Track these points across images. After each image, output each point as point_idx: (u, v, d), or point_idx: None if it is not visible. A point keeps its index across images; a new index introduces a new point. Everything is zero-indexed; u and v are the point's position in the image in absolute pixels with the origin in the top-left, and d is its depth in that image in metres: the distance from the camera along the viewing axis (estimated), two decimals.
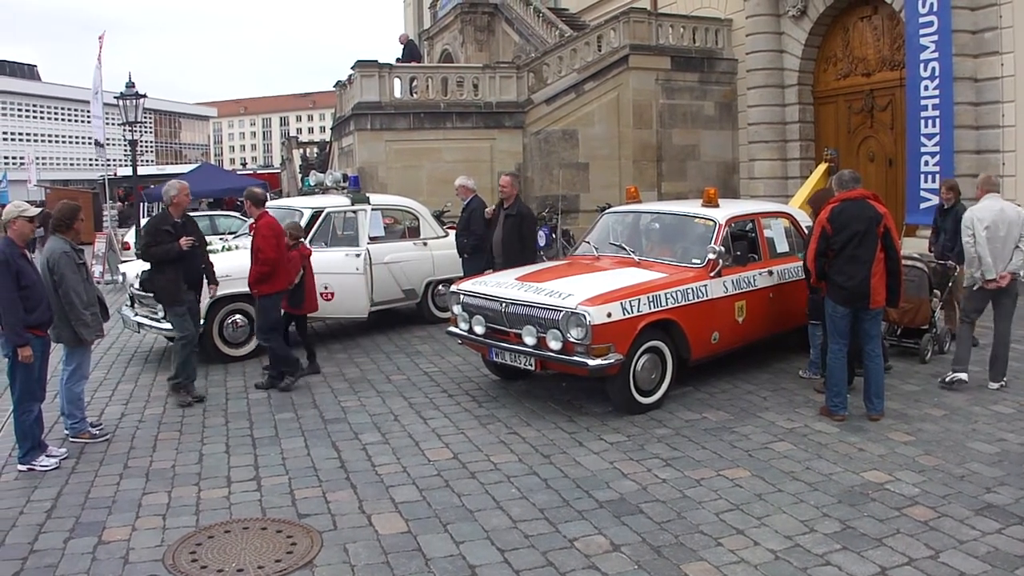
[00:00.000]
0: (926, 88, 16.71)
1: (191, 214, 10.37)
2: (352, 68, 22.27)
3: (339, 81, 25.14)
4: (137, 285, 11.32)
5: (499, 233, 11.51)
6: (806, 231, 10.76)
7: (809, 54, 21.09)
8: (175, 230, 9.49)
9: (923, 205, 16.59)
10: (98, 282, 16.63)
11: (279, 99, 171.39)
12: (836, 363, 8.33)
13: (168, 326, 10.12)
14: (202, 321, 10.69)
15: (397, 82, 22.27)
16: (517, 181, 11.86)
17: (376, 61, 21.84)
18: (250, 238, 10.37)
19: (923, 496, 6.40)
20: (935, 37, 16.43)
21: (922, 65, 16.71)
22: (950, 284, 10.89)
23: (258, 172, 46.14)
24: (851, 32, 20.35)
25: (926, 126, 16.75)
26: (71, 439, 8.27)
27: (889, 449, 7.42)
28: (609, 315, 8.21)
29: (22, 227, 7.56)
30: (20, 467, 7.48)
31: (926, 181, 16.73)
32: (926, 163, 16.81)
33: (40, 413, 7.68)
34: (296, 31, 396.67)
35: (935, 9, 16.37)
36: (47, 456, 7.63)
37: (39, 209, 7.82)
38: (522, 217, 11.48)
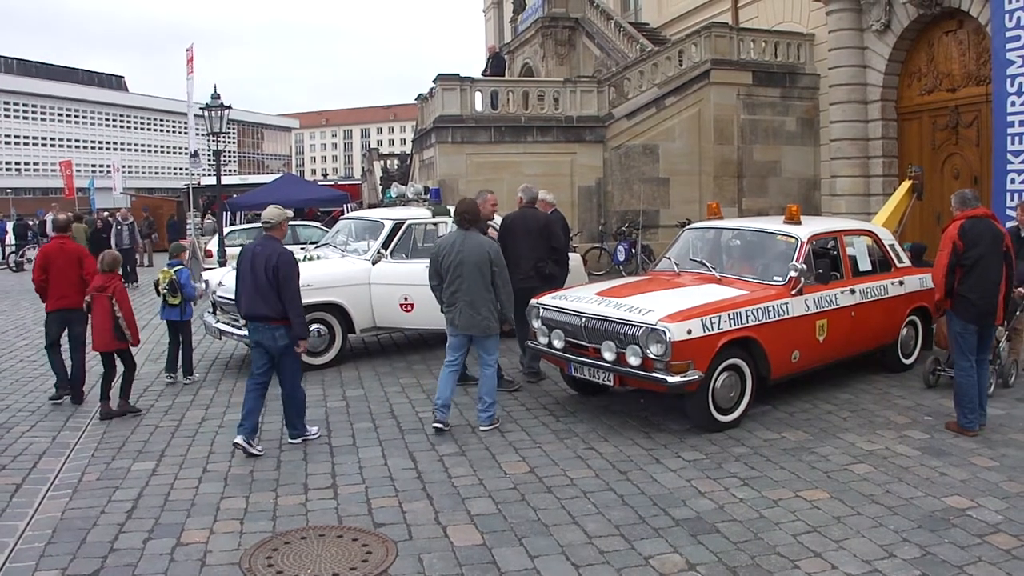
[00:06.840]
0: (1013, 104, 16.32)
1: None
2: (434, 81, 22.52)
3: (421, 94, 25.41)
4: (219, 292, 11.50)
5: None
6: (889, 250, 10.60)
7: (893, 69, 20.73)
8: None
9: (1008, 224, 16.24)
10: None
11: (360, 111, 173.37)
12: (967, 380, 8.34)
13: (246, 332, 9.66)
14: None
15: (478, 95, 22.44)
16: None
17: (458, 75, 22.05)
18: None
19: (1006, 524, 6.26)
20: (1022, 52, 16.10)
21: (1008, 80, 16.34)
22: (1017, 313, 10.28)
23: (339, 183, 46.54)
24: (936, 47, 19.97)
25: (1013, 143, 16.36)
26: (481, 428, 8.88)
27: (972, 474, 7.28)
28: (689, 332, 8.17)
29: (285, 229, 8.72)
30: (292, 441, 8.50)
31: (1012, 200, 16.35)
32: (1012, 181, 16.43)
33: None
34: (378, 43, 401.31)
35: (1022, 23, 16.04)
36: (309, 425, 8.72)
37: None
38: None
